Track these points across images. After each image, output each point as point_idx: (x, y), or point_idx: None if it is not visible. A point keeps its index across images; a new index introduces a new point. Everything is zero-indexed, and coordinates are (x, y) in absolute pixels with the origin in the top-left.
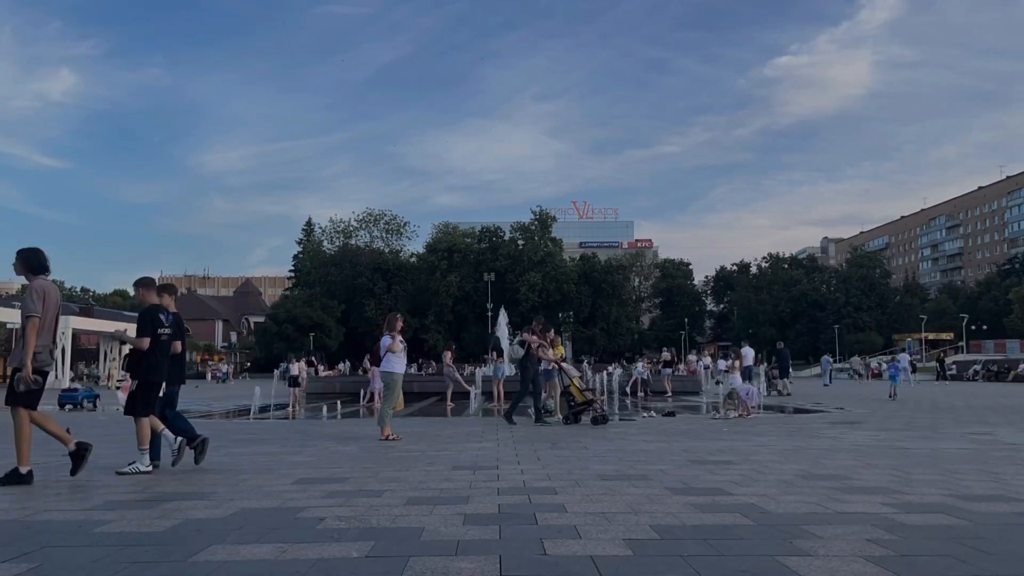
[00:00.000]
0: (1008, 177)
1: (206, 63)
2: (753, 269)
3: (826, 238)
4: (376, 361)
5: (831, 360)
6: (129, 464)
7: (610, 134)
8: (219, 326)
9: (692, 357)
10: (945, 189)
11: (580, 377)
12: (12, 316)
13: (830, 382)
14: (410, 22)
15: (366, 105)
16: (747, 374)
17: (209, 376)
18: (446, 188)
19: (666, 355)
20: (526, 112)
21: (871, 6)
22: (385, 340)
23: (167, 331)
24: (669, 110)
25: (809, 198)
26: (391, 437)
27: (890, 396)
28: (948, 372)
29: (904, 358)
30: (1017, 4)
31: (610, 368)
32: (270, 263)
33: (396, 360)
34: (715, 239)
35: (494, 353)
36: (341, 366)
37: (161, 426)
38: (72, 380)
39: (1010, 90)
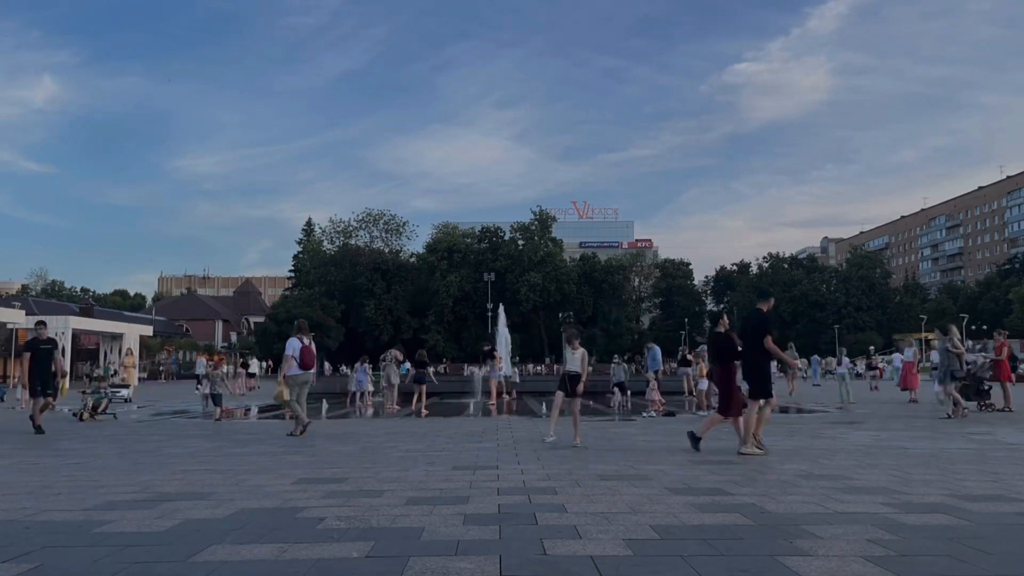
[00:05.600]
0: (1008, 177)
1: (179, 71)
2: (753, 269)
3: (826, 238)
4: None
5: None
6: None
7: (577, 140)
8: (219, 326)
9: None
10: (919, 190)
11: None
12: (12, 316)
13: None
14: (361, 32)
15: (334, 112)
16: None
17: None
18: (421, 192)
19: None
20: (489, 119)
21: (819, 15)
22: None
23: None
24: (635, 116)
25: (778, 200)
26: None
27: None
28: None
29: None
30: (957, 15)
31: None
32: (263, 264)
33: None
34: (694, 241)
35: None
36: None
37: None
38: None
39: (957, 95)
